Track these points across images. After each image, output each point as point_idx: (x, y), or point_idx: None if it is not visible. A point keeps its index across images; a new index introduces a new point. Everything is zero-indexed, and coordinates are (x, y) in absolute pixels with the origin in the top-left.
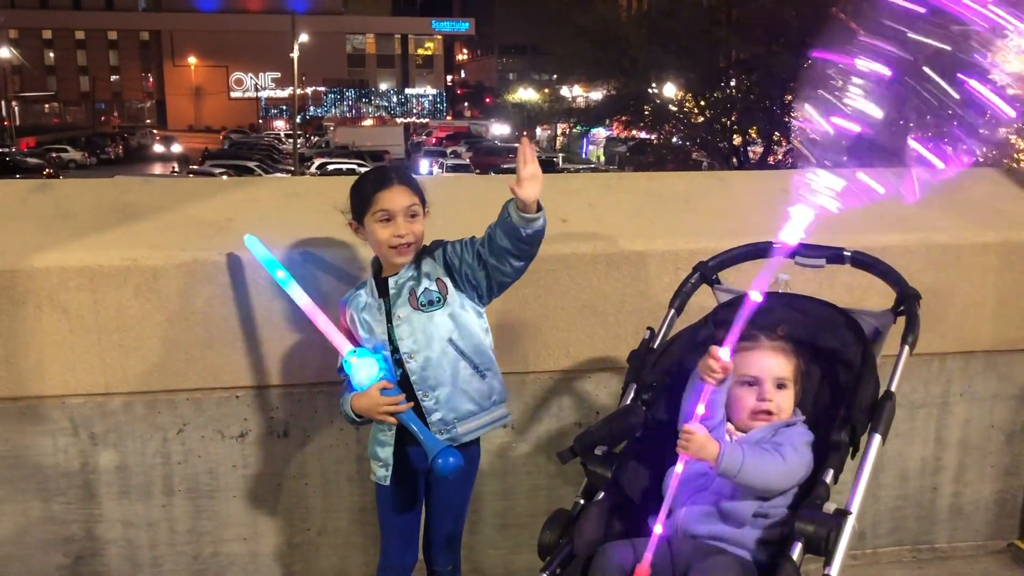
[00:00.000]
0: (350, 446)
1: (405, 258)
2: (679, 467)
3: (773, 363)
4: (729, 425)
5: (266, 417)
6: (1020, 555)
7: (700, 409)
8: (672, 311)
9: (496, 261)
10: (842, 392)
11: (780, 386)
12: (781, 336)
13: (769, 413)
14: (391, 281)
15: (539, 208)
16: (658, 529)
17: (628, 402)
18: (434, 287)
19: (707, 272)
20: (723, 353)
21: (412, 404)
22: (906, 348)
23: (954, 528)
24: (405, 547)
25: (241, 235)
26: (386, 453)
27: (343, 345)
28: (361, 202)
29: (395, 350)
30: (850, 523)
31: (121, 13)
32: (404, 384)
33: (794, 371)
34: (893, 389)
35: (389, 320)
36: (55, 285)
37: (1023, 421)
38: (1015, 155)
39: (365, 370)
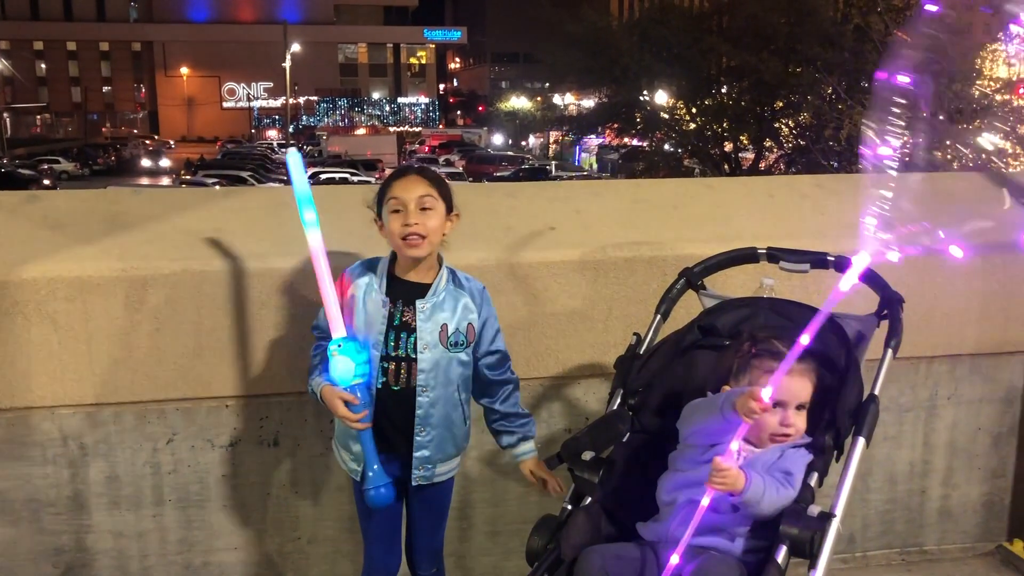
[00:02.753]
0: None
1: (417, 251)
2: (705, 500)
3: (799, 387)
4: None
5: (256, 426)
6: (1009, 557)
7: (735, 446)
8: (658, 317)
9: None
10: (826, 395)
11: (799, 407)
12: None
13: (788, 436)
14: (420, 303)
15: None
16: (675, 560)
17: (615, 407)
18: (464, 330)
19: (693, 278)
20: (765, 395)
21: (371, 424)
22: (889, 352)
23: (943, 531)
24: (388, 550)
25: (231, 245)
26: (359, 449)
27: (336, 329)
28: (380, 195)
29: (386, 357)
30: (834, 525)
31: (113, 24)
32: (385, 394)
33: (813, 389)
34: (877, 392)
35: (391, 326)
36: (44, 296)
37: (1009, 423)
38: (1004, 159)
39: (340, 368)
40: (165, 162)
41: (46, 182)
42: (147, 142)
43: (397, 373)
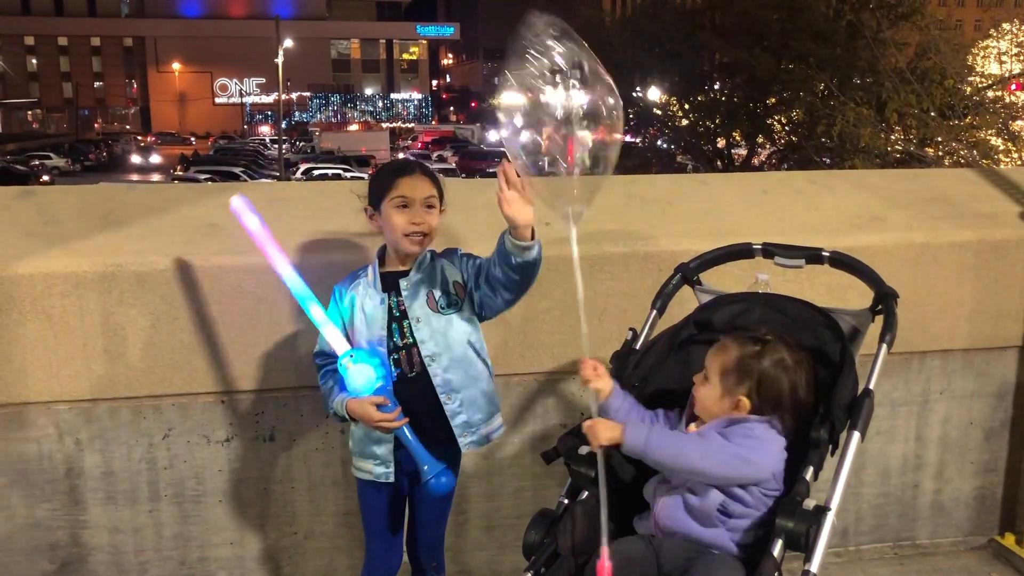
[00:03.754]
0: (335, 450)
1: (417, 249)
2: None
3: (708, 355)
4: (692, 427)
5: (252, 421)
6: (1001, 551)
7: (594, 411)
8: (654, 312)
9: (489, 290)
10: (821, 390)
11: (704, 375)
12: (732, 334)
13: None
14: (403, 282)
15: (533, 237)
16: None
17: None
18: (452, 290)
19: (688, 273)
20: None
21: (408, 420)
22: (884, 346)
23: (935, 525)
24: (390, 547)
25: (226, 240)
26: (385, 450)
27: (339, 344)
28: (380, 187)
29: (394, 348)
30: (829, 519)
31: (104, 19)
32: (403, 384)
33: (721, 366)
34: (871, 387)
35: (392, 318)
36: (39, 292)
37: (1001, 418)
38: (994, 155)
39: (360, 377)
40: (156, 158)
41: (45, 178)
42: (139, 137)
43: (409, 360)
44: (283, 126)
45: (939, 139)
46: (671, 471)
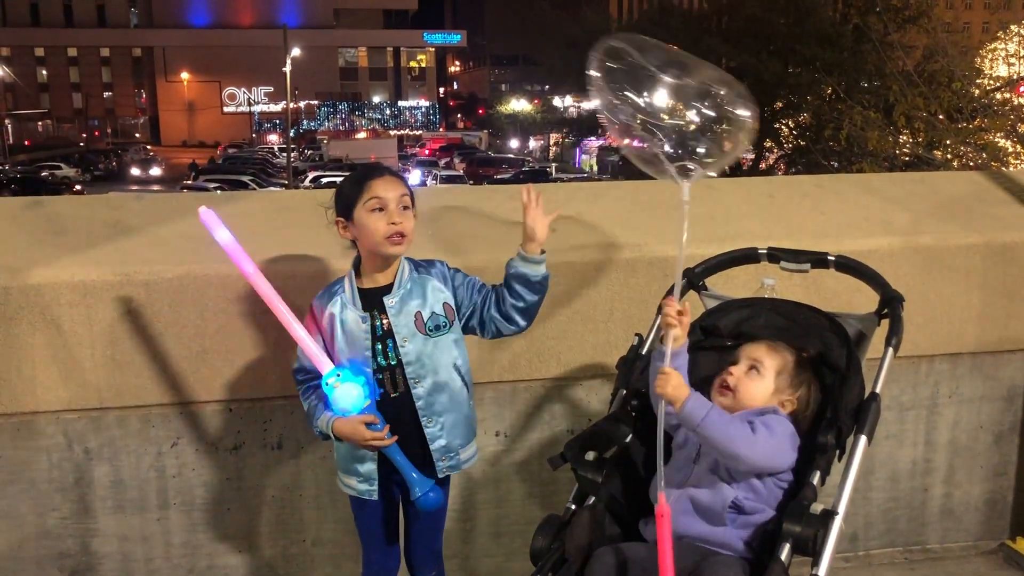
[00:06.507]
0: None
1: (400, 248)
2: (660, 413)
3: (753, 349)
4: None
5: (259, 429)
6: (1012, 555)
7: (667, 360)
8: (660, 318)
9: (503, 319)
10: (828, 395)
11: (752, 368)
12: (787, 344)
13: (727, 387)
14: (387, 300)
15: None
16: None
17: (617, 408)
18: (441, 311)
19: (694, 278)
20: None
21: (396, 438)
22: (890, 350)
23: (945, 529)
24: (388, 553)
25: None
26: (368, 468)
27: (323, 364)
28: (351, 194)
29: (378, 368)
30: (837, 523)
31: (113, 30)
32: (385, 404)
33: (780, 365)
34: (878, 391)
35: (375, 337)
36: (48, 301)
37: (1010, 421)
38: (1003, 158)
39: (348, 396)
40: (155, 170)
41: (77, 187)
42: (148, 147)
43: (393, 380)
44: (291, 134)
45: (947, 142)
46: (712, 448)
